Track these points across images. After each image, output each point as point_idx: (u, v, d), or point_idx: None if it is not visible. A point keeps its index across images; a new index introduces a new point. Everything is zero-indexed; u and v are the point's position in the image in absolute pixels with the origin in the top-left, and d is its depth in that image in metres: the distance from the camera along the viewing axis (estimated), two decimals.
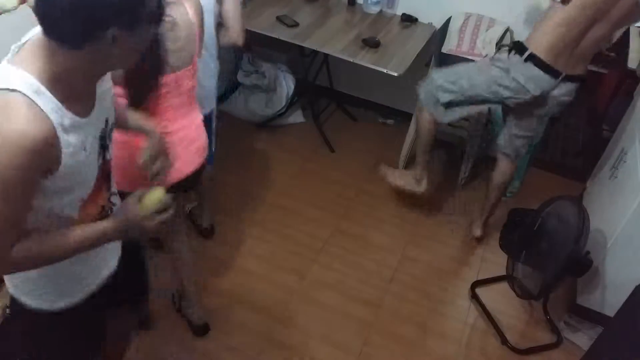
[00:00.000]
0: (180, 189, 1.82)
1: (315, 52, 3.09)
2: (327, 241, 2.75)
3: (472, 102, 2.41)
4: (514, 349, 2.31)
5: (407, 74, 2.68)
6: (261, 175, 3.11)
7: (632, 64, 2.98)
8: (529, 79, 2.24)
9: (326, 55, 3.20)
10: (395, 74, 2.65)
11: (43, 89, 1.00)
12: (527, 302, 2.51)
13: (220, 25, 2.13)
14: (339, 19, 3.09)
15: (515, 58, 2.28)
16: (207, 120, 2.03)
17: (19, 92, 0.97)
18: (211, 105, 2.26)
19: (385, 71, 2.66)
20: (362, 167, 3.24)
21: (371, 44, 2.80)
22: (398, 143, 3.19)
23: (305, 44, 2.84)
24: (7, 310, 1.32)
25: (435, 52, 2.99)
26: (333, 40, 2.83)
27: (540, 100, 2.28)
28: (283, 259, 2.63)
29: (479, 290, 2.56)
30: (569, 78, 2.23)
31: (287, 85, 3.47)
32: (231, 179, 3.06)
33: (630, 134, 2.55)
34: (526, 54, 2.23)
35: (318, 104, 3.50)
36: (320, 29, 2.92)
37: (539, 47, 2.22)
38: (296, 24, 2.90)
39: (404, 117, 3.40)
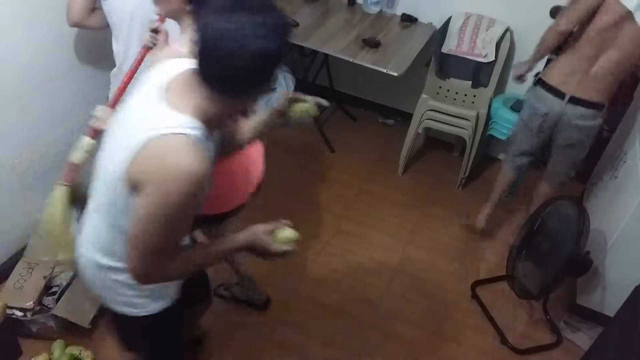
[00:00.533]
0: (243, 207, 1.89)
1: (315, 52, 3.09)
2: (327, 241, 2.75)
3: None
4: (514, 349, 2.31)
5: (407, 74, 2.68)
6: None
7: None
8: (538, 100, 2.39)
9: (326, 55, 3.20)
10: (395, 74, 2.65)
11: (201, 130, 1.14)
12: (527, 302, 2.51)
13: None
14: (339, 19, 3.10)
15: (531, 87, 2.45)
16: None
17: (187, 135, 1.10)
18: None
19: (385, 71, 2.66)
20: (362, 167, 3.23)
21: (371, 44, 2.80)
22: (398, 143, 3.18)
23: (305, 44, 2.84)
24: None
25: (435, 52, 2.99)
26: (333, 40, 2.83)
27: (557, 125, 2.39)
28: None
29: (479, 290, 2.56)
30: (579, 102, 2.28)
31: (287, 85, 3.46)
32: None
33: (630, 134, 2.55)
34: (536, 79, 2.38)
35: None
36: (320, 29, 2.92)
37: (549, 71, 2.37)
38: (296, 24, 2.90)
39: (404, 117, 3.40)
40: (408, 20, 3.10)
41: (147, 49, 1.67)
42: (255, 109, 1.30)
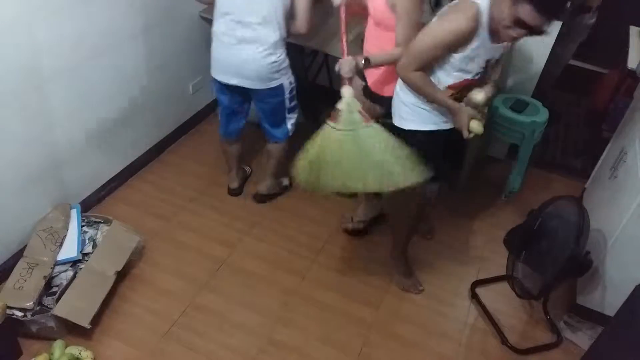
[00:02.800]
0: None
1: (315, 52, 3.09)
2: (328, 241, 2.75)
3: None
4: (514, 349, 2.31)
5: None
6: (261, 176, 3.10)
7: (632, 64, 2.98)
8: None
9: (326, 55, 3.20)
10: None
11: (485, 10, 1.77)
12: (527, 302, 2.51)
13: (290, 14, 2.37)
14: (339, 18, 3.09)
15: None
16: (275, 94, 2.47)
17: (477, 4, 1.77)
18: (279, 79, 2.47)
19: None
20: None
21: None
22: None
23: (306, 44, 2.83)
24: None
25: None
26: (333, 40, 2.83)
27: None
28: (283, 259, 2.63)
29: (479, 290, 2.56)
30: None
31: None
32: None
33: (630, 134, 2.55)
34: None
35: (318, 103, 3.49)
36: (320, 29, 2.92)
37: None
38: None
39: None
40: None
41: (345, 5, 2.21)
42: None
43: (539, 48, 2.99)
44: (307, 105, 3.54)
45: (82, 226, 2.45)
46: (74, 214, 2.47)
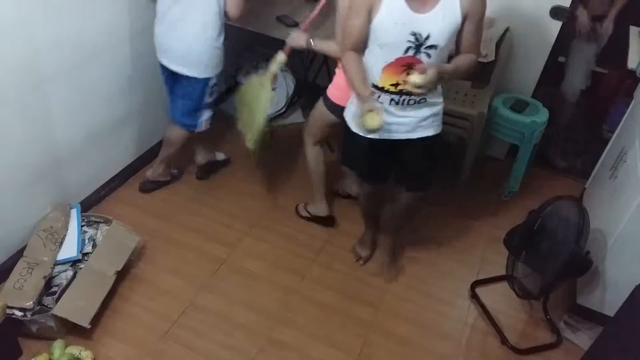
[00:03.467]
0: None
1: (315, 52, 3.08)
2: (328, 241, 2.75)
3: None
4: (514, 349, 2.31)
5: None
6: (261, 176, 3.11)
7: (632, 64, 2.98)
8: None
9: (326, 55, 3.19)
10: None
11: None
12: (527, 302, 2.51)
13: None
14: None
15: None
16: (198, 86, 2.46)
17: None
18: (206, 70, 2.46)
19: None
20: None
21: None
22: None
23: None
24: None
25: None
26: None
27: None
28: (283, 258, 2.63)
29: (479, 290, 2.56)
30: None
31: (287, 85, 3.47)
32: (231, 179, 3.07)
33: (630, 134, 2.55)
34: None
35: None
36: (320, 29, 2.92)
37: None
38: (296, 24, 2.90)
39: None
40: None
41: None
42: None
43: (539, 48, 2.99)
44: (307, 105, 3.55)
45: (82, 226, 2.46)
46: (74, 213, 2.47)
